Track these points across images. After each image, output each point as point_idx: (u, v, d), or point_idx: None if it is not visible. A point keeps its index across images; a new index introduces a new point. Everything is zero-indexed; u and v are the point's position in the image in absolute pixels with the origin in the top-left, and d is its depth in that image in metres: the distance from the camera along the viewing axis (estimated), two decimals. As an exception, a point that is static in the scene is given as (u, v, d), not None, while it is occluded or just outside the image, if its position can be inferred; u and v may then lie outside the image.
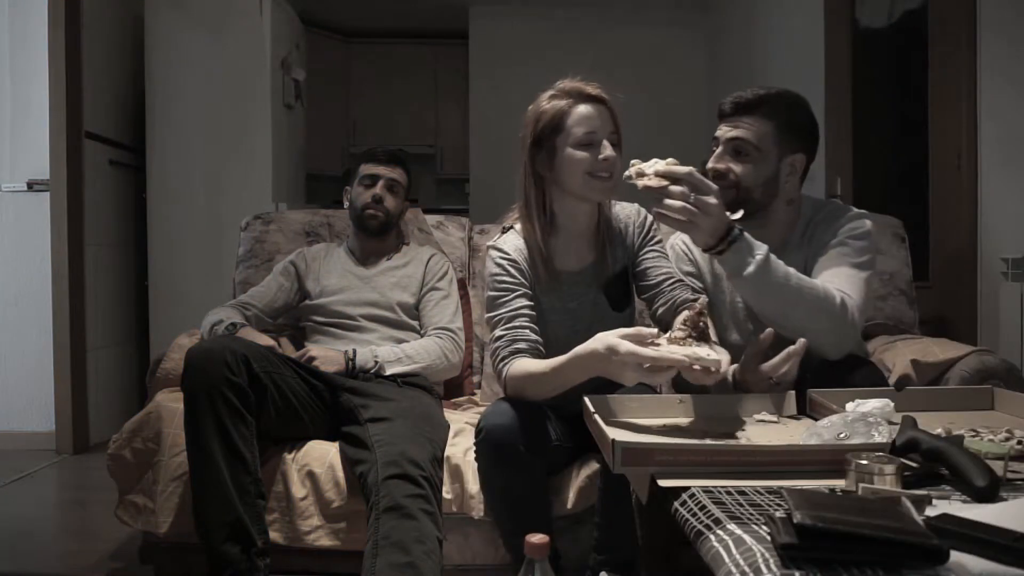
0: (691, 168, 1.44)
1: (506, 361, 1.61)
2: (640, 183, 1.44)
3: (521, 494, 1.65)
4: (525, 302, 1.66)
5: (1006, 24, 2.48)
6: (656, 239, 1.81)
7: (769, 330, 1.48)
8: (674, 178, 1.42)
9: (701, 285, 1.78)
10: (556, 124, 1.64)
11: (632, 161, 1.48)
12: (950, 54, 2.66)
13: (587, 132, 1.64)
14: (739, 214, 1.54)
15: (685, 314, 1.41)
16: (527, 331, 1.63)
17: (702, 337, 1.38)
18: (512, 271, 1.68)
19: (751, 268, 1.45)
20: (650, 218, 1.83)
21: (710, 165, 1.68)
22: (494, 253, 1.72)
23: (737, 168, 1.65)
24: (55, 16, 3.34)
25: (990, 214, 2.53)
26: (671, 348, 1.34)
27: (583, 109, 1.65)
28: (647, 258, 1.77)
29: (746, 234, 1.47)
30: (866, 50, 3.32)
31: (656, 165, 1.45)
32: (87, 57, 3.49)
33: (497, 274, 1.69)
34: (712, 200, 1.42)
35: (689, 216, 1.41)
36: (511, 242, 1.72)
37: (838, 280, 1.56)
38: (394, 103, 6.38)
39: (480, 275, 2.43)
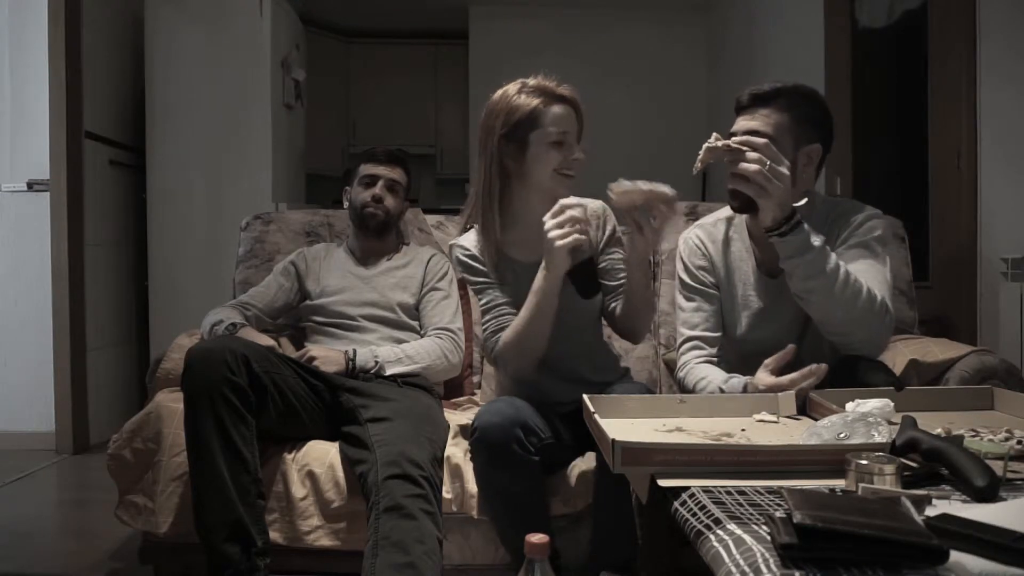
0: (768, 140, 1.52)
1: (494, 344, 1.70)
2: (720, 143, 1.52)
3: (517, 493, 1.65)
4: (495, 292, 1.75)
5: (1006, 24, 2.47)
6: (618, 239, 1.86)
7: (791, 346, 1.51)
8: (752, 147, 1.50)
9: (713, 280, 1.78)
10: (532, 120, 1.68)
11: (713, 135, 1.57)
12: (950, 54, 2.66)
13: (561, 132, 1.69)
14: (804, 201, 1.58)
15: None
16: (506, 318, 1.71)
17: None
18: (475, 264, 1.76)
19: (814, 250, 1.50)
20: (612, 217, 1.87)
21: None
22: (457, 250, 1.80)
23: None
24: (55, 16, 3.34)
25: (990, 214, 2.53)
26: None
27: (557, 109, 1.70)
28: (610, 258, 1.83)
29: (804, 223, 1.53)
30: (866, 50, 3.32)
31: (742, 137, 1.55)
32: (87, 57, 3.49)
33: (462, 271, 1.80)
34: (785, 171, 1.49)
35: (763, 181, 1.47)
36: (470, 238, 1.79)
37: (871, 283, 1.58)
38: (394, 103, 6.38)
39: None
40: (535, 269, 1.72)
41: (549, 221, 1.58)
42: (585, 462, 1.78)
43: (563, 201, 1.59)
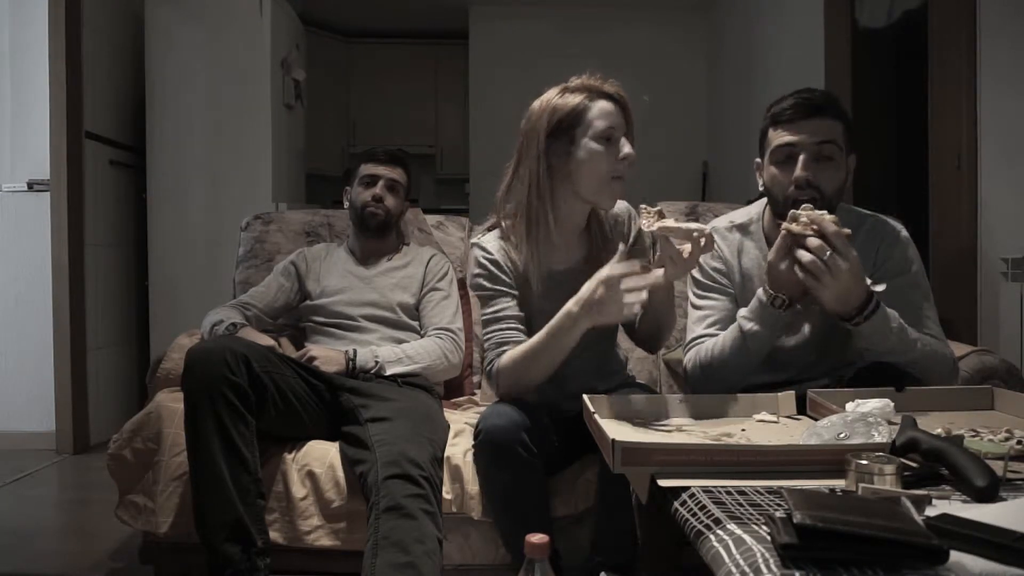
0: (842, 230, 1.40)
1: (493, 362, 1.64)
2: (788, 226, 1.43)
3: (520, 494, 1.65)
4: (508, 302, 1.67)
5: (1006, 24, 2.48)
6: (642, 245, 1.82)
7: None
8: (821, 232, 1.39)
9: (728, 282, 1.76)
10: (576, 116, 1.62)
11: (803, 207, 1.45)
12: (950, 54, 2.66)
13: (608, 126, 1.62)
14: (882, 287, 1.49)
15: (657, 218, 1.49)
16: (513, 332, 1.64)
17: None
18: (495, 271, 1.69)
19: (890, 342, 1.46)
20: (636, 222, 1.83)
21: (799, 173, 1.56)
22: (477, 252, 1.72)
23: (823, 174, 1.56)
24: (55, 16, 3.34)
25: (990, 214, 2.53)
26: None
27: (603, 104, 1.64)
28: None
29: (883, 306, 1.45)
30: (866, 50, 3.32)
31: (815, 213, 1.42)
32: (87, 57, 3.49)
33: (479, 274, 1.70)
34: (843, 264, 1.38)
35: (817, 271, 1.38)
36: (494, 242, 1.72)
37: (933, 327, 1.59)
38: (394, 103, 6.38)
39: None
40: (567, 275, 1.68)
41: (616, 279, 1.44)
42: (586, 463, 1.78)
43: (632, 264, 1.46)
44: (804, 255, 1.40)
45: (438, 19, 5.93)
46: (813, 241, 1.39)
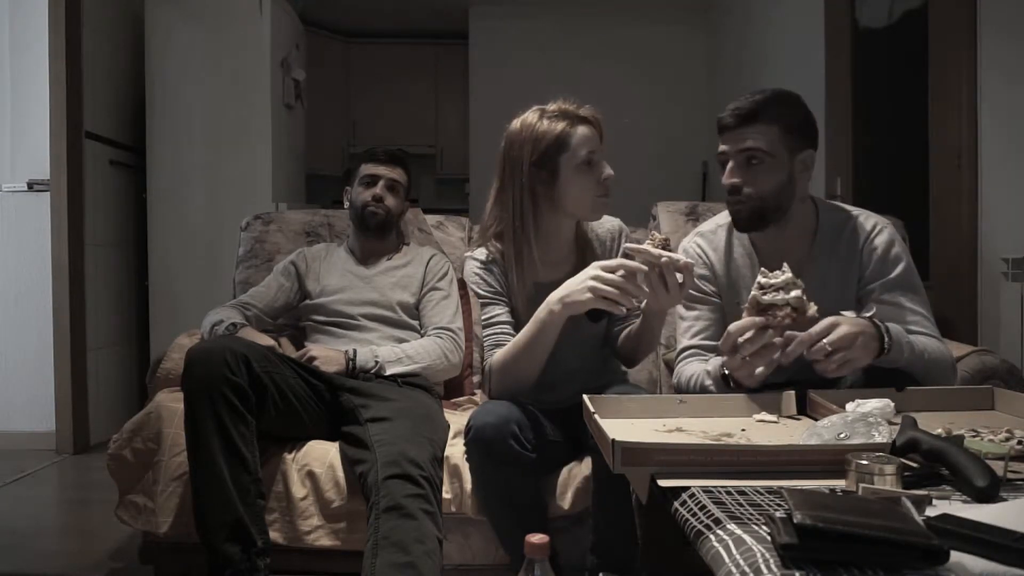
0: (810, 308, 1.37)
1: (486, 361, 1.71)
2: (778, 313, 1.38)
3: (514, 492, 1.66)
4: (500, 309, 1.75)
5: (1007, 23, 2.47)
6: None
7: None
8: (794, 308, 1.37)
9: (715, 289, 1.76)
10: (560, 144, 1.68)
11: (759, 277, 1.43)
12: (950, 54, 2.66)
13: (589, 152, 1.70)
14: (872, 310, 1.53)
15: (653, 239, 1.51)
16: (506, 336, 1.71)
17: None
18: (488, 279, 1.77)
19: (905, 355, 1.46)
20: (627, 238, 1.87)
21: (725, 181, 1.63)
22: (470, 263, 1.82)
23: (753, 179, 1.61)
24: (55, 16, 3.34)
25: (990, 214, 2.53)
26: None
27: (583, 130, 1.70)
28: None
29: (887, 325, 1.45)
30: (866, 50, 3.32)
31: (786, 274, 1.40)
32: (87, 57, 3.49)
33: (474, 281, 1.79)
34: (848, 327, 1.37)
35: (846, 360, 1.36)
36: (485, 254, 1.80)
37: (927, 325, 1.60)
38: (394, 103, 6.38)
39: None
40: (554, 288, 1.68)
41: (597, 270, 1.51)
42: (584, 462, 1.78)
43: (626, 263, 1.50)
44: (837, 365, 1.35)
45: (438, 19, 5.93)
46: (819, 348, 1.35)
